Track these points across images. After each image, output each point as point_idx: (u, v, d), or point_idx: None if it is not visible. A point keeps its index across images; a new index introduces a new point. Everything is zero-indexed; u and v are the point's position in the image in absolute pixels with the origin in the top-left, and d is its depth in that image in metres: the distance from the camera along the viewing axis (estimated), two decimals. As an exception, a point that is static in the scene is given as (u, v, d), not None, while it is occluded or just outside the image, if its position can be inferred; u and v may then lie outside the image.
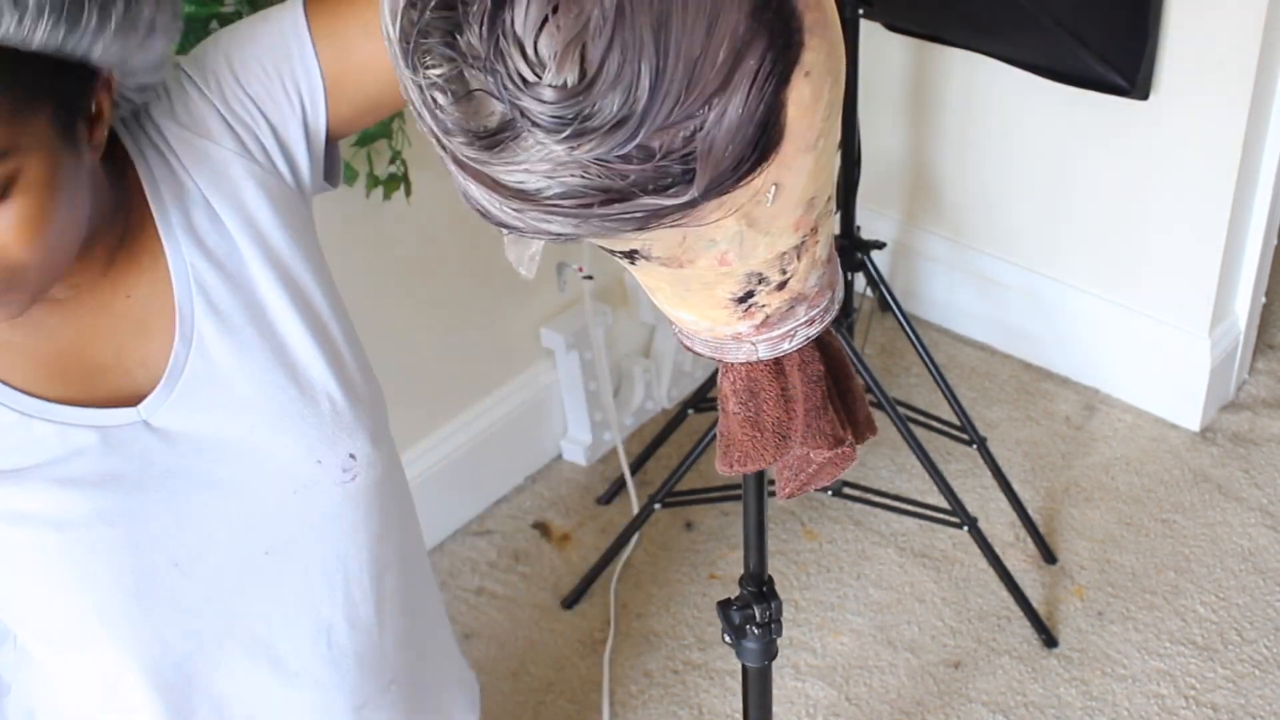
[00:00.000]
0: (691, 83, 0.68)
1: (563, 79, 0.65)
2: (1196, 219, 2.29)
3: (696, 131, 0.69)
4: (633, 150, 0.68)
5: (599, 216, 0.71)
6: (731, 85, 0.69)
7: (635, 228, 0.73)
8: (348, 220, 1.95)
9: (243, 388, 1.04)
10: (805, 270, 0.84)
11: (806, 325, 0.88)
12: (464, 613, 2.21)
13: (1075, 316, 2.54)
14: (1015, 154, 2.48)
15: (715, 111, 0.69)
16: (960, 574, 2.22)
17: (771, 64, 0.70)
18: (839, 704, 2.04)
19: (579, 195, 0.70)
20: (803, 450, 0.96)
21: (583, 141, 0.67)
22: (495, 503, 2.40)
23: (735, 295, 0.84)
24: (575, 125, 0.66)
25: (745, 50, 0.69)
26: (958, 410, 2.21)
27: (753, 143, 0.71)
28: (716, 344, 0.89)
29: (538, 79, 0.66)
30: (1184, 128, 2.22)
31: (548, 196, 0.70)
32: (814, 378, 0.92)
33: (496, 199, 0.71)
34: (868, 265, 2.15)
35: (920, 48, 2.46)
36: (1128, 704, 2.01)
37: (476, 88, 0.68)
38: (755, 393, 0.92)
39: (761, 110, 0.70)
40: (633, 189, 0.70)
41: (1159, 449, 2.43)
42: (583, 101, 0.66)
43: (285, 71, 1.03)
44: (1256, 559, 2.21)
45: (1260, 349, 2.62)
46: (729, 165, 0.71)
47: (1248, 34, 2.08)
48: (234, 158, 1.03)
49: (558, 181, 0.69)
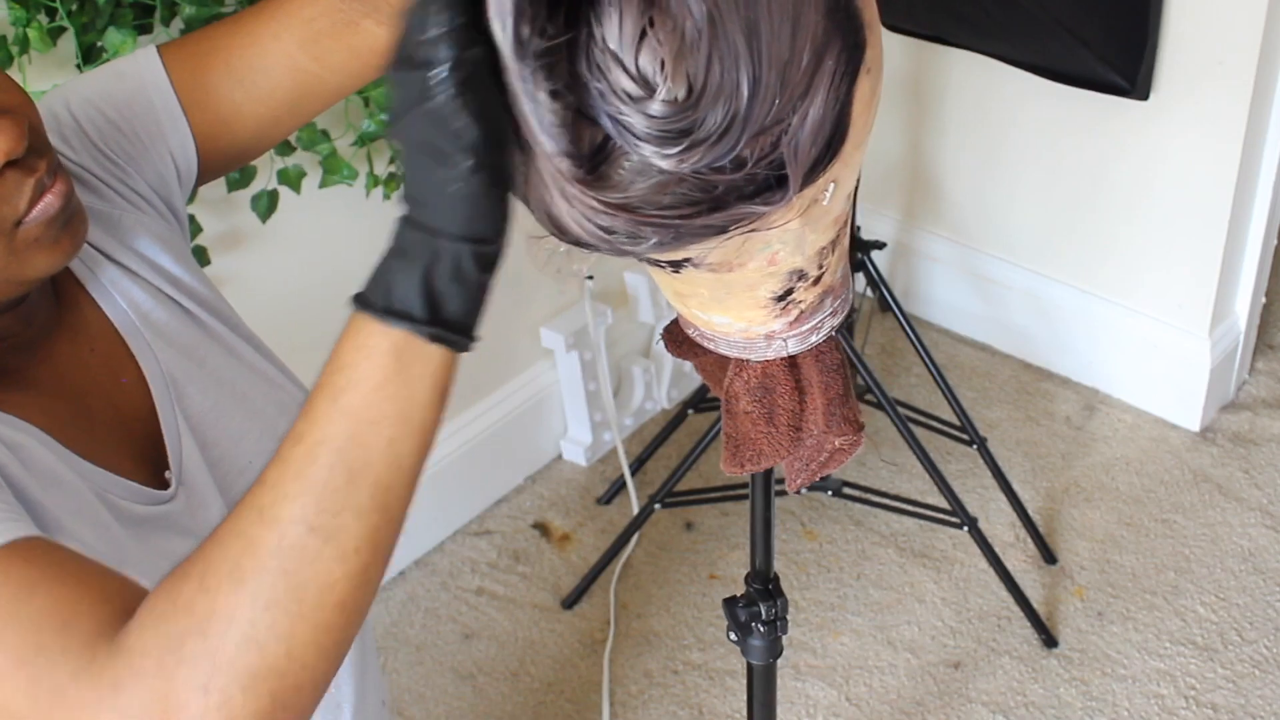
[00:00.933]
0: (783, 86, 0.68)
1: (674, 94, 0.65)
2: (1196, 219, 2.29)
3: (782, 135, 0.69)
4: (728, 159, 0.68)
5: (698, 227, 0.71)
6: (814, 86, 0.69)
7: (718, 234, 0.73)
8: (347, 220, 1.95)
9: (231, 416, 1.03)
10: (837, 262, 0.85)
11: (831, 316, 0.89)
12: (464, 613, 2.21)
13: (1075, 316, 2.54)
14: (1015, 154, 2.48)
15: (799, 114, 0.69)
16: (960, 574, 2.22)
17: (845, 63, 0.71)
18: (839, 704, 2.04)
19: (678, 207, 0.70)
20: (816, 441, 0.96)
21: (690, 154, 0.67)
22: (495, 503, 2.40)
23: (776, 294, 0.84)
24: (684, 139, 0.66)
25: (824, 51, 0.69)
26: (958, 410, 2.21)
27: (828, 141, 0.72)
28: (747, 344, 0.90)
29: (644, 94, 0.65)
30: (1184, 128, 2.22)
31: (646, 211, 0.70)
32: (833, 366, 0.93)
33: (589, 216, 0.70)
34: (868, 265, 2.15)
35: (920, 48, 2.46)
36: (1128, 704, 2.01)
37: (573, 105, 0.66)
38: (770, 388, 0.92)
39: (837, 109, 0.71)
40: (727, 196, 0.70)
41: (1159, 449, 2.44)
42: (692, 114, 0.66)
43: (154, 137, 1.01)
44: (1256, 559, 2.21)
45: (1260, 349, 2.62)
46: (811, 165, 0.72)
47: (1248, 34, 2.08)
48: (121, 213, 1.03)
49: (658, 195, 0.69)
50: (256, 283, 1.87)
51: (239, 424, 1.06)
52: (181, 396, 1.02)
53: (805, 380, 0.93)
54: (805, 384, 0.93)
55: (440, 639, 2.17)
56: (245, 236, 1.84)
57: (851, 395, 0.98)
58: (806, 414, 0.94)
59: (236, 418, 1.06)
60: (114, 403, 1.00)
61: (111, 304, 1.01)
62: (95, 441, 0.96)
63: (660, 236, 0.71)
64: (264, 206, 1.78)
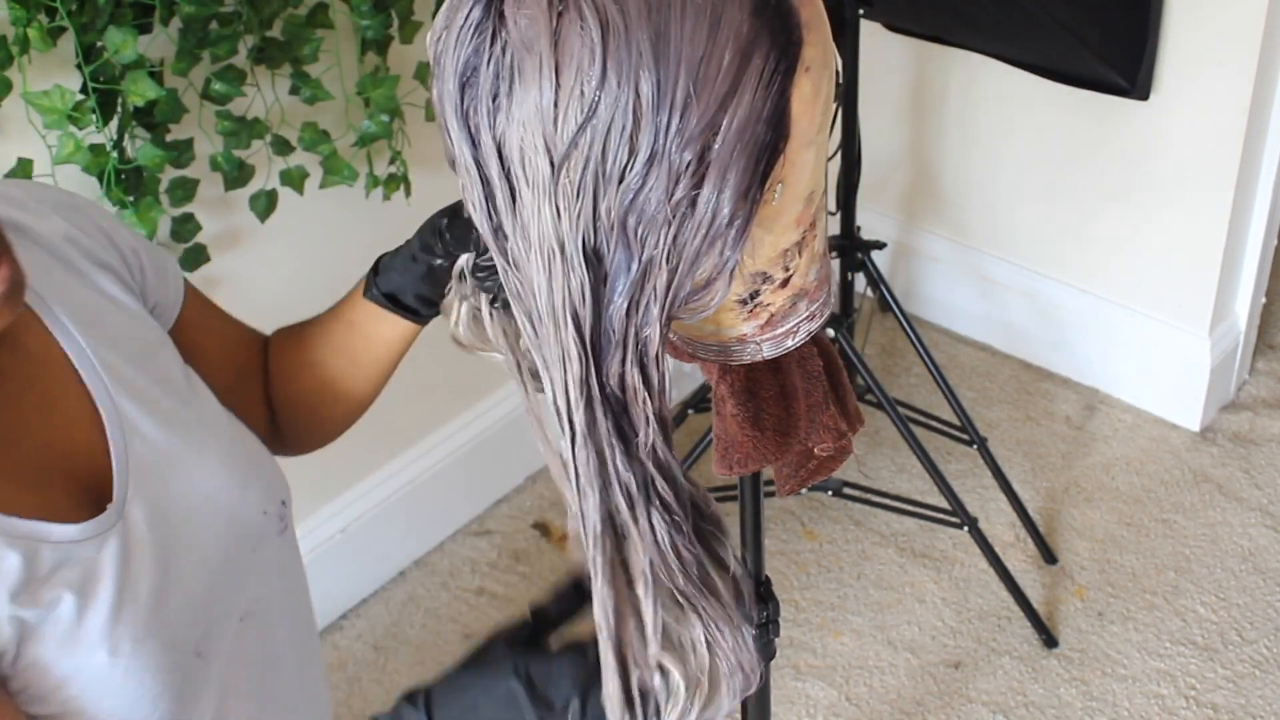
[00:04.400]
0: (700, 84, 0.68)
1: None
2: (1196, 219, 2.29)
3: (714, 137, 0.70)
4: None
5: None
6: (741, 85, 0.70)
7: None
8: (347, 220, 1.95)
9: (185, 458, 0.99)
10: (806, 265, 0.84)
11: (808, 320, 0.88)
12: (464, 613, 2.21)
13: (1075, 316, 2.54)
14: (1015, 154, 2.48)
15: (729, 113, 0.70)
16: (960, 574, 2.22)
17: (777, 61, 0.70)
18: (839, 704, 2.04)
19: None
20: (802, 447, 0.96)
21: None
22: (495, 503, 2.40)
23: (740, 296, 0.84)
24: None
25: (751, 49, 0.70)
26: (958, 410, 2.21)
27: (767, 141, 0.72)
28: (721, 347, 0.89)
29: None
30: (1184, 128, 2.22)
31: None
32: (814, 374, 0.92)
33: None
34: (868, 265, 2.15)
35: (920, 48, 2.46)
36: (1128, 704, 2.01)
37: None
38: (755, 393, 0.92)
39: (771, 107, 0.71)
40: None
41: (1159, 449, 2.43)
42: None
43: (152, 288, 1.06)
44: (1256, 559, 2.21)
45: (1260, 349, 2.62)
46: (749, 164, 0.72)
47: (1248, 34, 2.07)
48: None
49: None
50: (254, 282, 1.87)
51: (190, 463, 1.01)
52: (131, 429, 0.97)
53: (790, 386, 0.92)
54: (790, 390, 0.92)
55: (440, 639, 2.17)
56: (244, 236, 1.84)
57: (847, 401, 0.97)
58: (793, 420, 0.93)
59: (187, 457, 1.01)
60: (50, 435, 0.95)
61: (65, 335, 0.97)
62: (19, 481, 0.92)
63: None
64: (263, 206, 1.78)
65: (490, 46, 0.71)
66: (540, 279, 0.75)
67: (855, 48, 1.98)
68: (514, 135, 0.71)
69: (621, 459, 0.78)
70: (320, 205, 1.88)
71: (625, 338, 0.75)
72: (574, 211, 0.72)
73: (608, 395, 0.77)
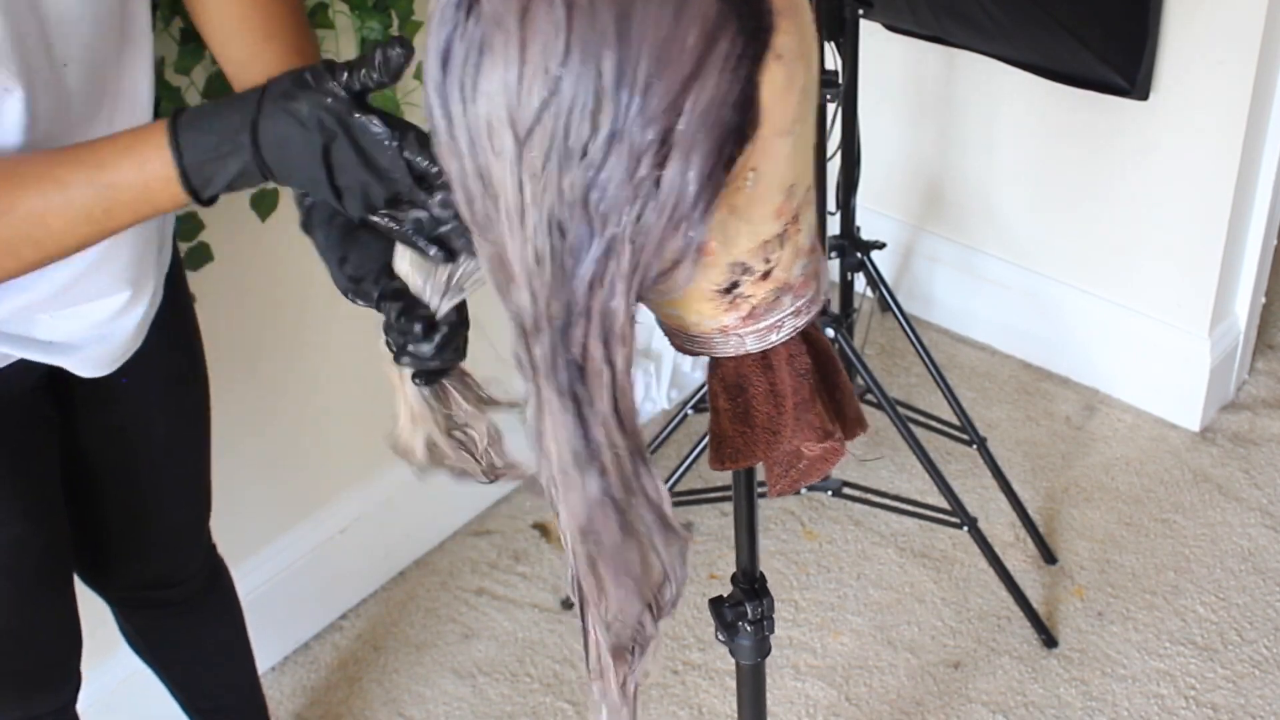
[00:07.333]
0: (662, 64, 0.69)
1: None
2: (1196, 219, 2.29)
3: (678, 117, 0.71)
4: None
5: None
6: (705, 67, 0.71)
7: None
8: (347, 220, 1.95)
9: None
10: (789, 259, 0.84)
11: (794, 316, 0.89)
12: (464, 613, 2.21)
13: (1075, 316, 2.54)
14: (1015, 154, 2.48)
15: (692, 95, 0.71)
16: (960, 574, 2.22)
17: (743, 46, 0.71)
18: (839, 704, 2.04)
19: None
20: (792, 445, 0.96)
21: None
22: (495, 503, 2.40)
23: (720, 286, 0.84)
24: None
25: (718, 33, 0.70)
26: (958, 410, 2.21)
27: (734, 125, 0.72)
28: (705, 339, 0.89)
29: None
30: (1184, 128, 2.22)
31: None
32: (801, 371, 0.93)
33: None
34: (868, 265, 2.15)
35: (920, 48, 2.46)
36: (1128, 704, 2.01)
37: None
38: (744, 388, 0.92)
39: (737, 92, 0.71)
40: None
41: (1159, 449, 2.43)
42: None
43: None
44: (1256, 559, 2.21)
45: (1260, 349, 2.62)
46: (713, 146, 0.72)
47: (1248, 34, 2.08)
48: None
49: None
50: (255, 282, 1.88)
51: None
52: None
53: (780, 384, 0.92)
54: (780, 387, 0.92)
55: (440, 639, 2.18)
56: (245, 236, 1.85)
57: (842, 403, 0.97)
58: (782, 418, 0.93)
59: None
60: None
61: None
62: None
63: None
64: (264, 206, 1.78)
65: (465, 22, 0.73)
66: (513, 244, 0.77)
67: (855, 48, 1.98)
68: (482, 108, 0.73)
69: (574, 421, 0.81)
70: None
71: (589, 310, 0.77)
72: (539, 185, 0.73)
73: (570, 361, 0.80)
